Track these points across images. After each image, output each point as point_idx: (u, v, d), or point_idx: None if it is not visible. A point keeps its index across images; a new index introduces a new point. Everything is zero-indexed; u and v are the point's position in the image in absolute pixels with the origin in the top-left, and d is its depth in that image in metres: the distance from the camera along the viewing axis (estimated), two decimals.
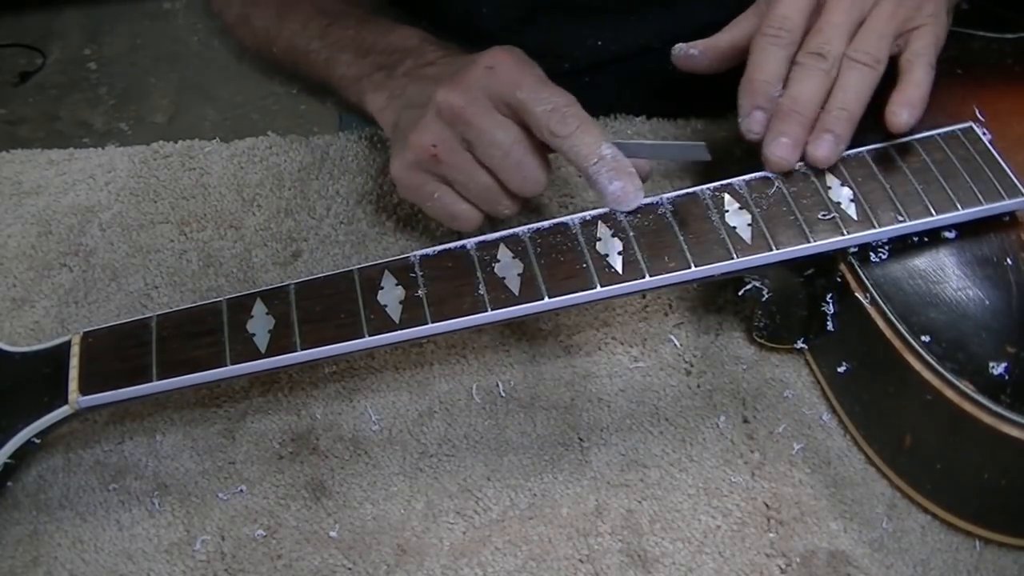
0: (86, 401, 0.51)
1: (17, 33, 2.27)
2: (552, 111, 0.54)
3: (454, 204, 0.59)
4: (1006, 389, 0.47)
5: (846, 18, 0.56)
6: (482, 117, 0.56)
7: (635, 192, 0.53)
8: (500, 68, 0.56)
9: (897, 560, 0.51)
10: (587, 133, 0.54)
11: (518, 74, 0.56)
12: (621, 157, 0.54)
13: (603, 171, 0.53)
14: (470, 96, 0.56)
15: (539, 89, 0.55)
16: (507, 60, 0.56)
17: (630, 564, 0.51)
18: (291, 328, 0.51)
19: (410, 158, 0.58)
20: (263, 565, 0.52)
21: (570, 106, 0.55)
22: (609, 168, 0.53)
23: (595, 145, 0.54)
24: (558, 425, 0.57)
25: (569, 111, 0.55)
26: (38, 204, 0.70)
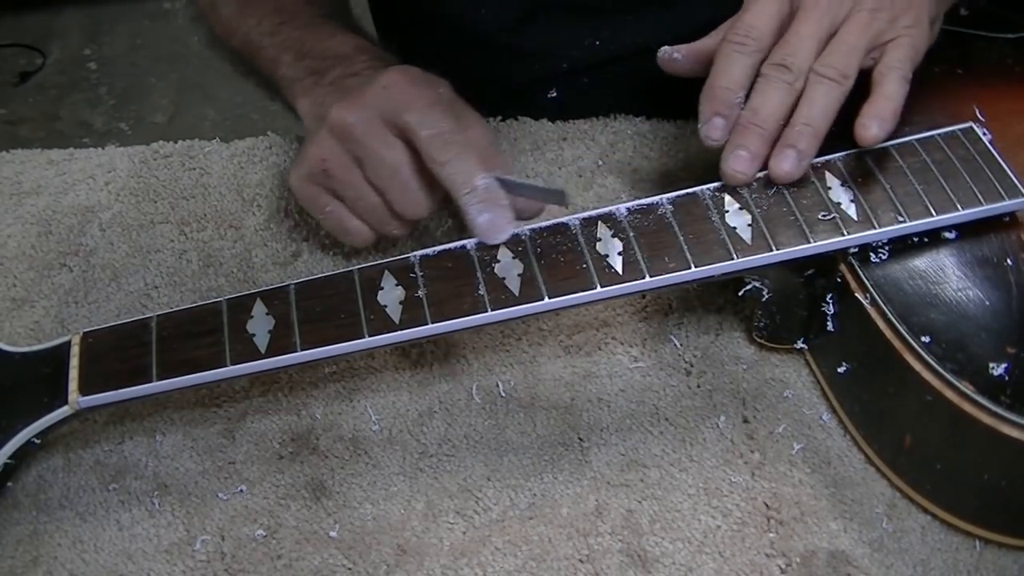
0: (86, 401, 0.51)
1: (17, 33, 2.28)
2: (434, 136, 0.54)
3: (346, 220, 0.60)
4: (1006, 390, 0.47)
5: (815, 29, 0.55)
6: (370, 137, 0.56)
7: (504, 226, 0.53)
8: (394, 89, 0.56)
9: (897, 560, 0.51)
10: (464, 161, 0.54)
11: (409, 96, 0.55)
12: (495, 189, 0.53)
13: (473, 202, 0.53)
14: (362, 115, 0.56)
15: (426, 112, 0.55)
16: (401, 81, 0.56)
17: (630, 564, 0.51)
18: (291, 328, 0.51)
19: (303, 171, 0.59)
20: (263, 565, 0.52)
21: (453, 133, 0.54)
22: (479, 199, 0.53)
23: (470, 175, 0.53)
24: (558, 425, 0.57)
25: (451, 138, 0.54)
26: (38, 204, 0.70)
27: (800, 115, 0.54)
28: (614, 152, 0.71)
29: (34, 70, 2.21)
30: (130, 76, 2.18)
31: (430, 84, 0.58)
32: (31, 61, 2.23)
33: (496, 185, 0.54)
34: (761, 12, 0.55)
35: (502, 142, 0.72)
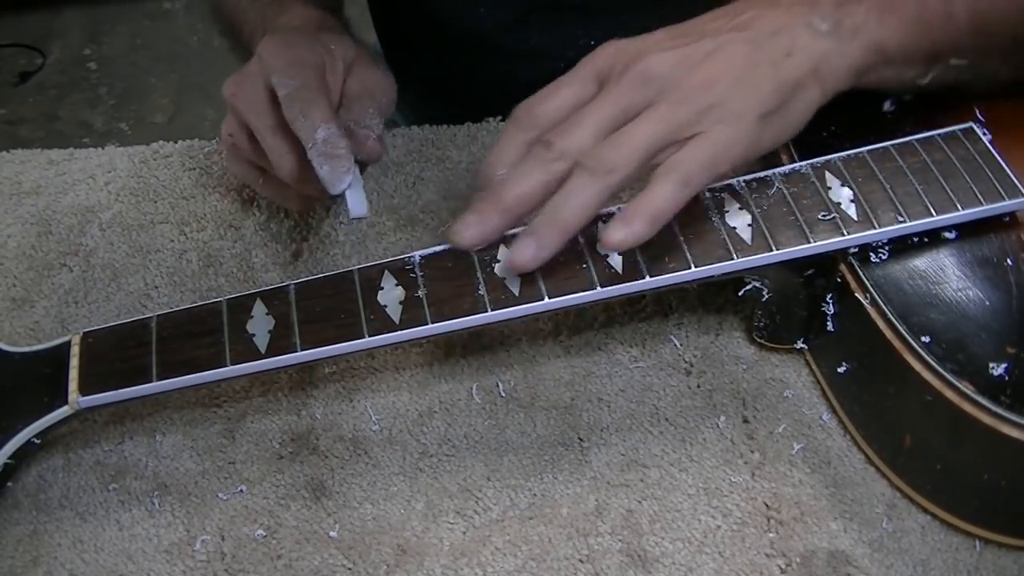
0: (86, 401, 0.51)
1: (17, 33, 2.28)
2: (285, 96, 0.56)
3: (273, 186, 0.62)
4: (1006, 390, 0.47)
5: (599, 116, 0.49)
6: (243, 104, 0.58)
7: (341, 175, 0.54)
8: (263, 55, 0.58)
9: (897, 560, 0.51)
10: (308, 116, 0.55)
11: (272, 59, 0.57)
12: (334, 138, 0.55)
13: (315, 155, 0.54)
14: (242, 86, 0.58)
15: (284, 72, 0.56)
16: (268, 48, 0.58)
17: (630, 564, 0.51)
18: (291, 328, 0.51)
19: (224, 149, 0.62)
20: (263, 565, 0.52)
21: (301, 89, 0.56)
22: (319, 152, 0.54)
23: (311, 128, 0.55)
24: (558, 425, 0.57)
25: (297, 95, 0.55)
26: (38, 204, 0.70)
27: (550, 203, 0.49)
28: None
29: (34, 70, 2.21)
30: (130, 76, 2.18)
31: (301, 45, 0.59)
32: (31, 61, 2.23)
33: (337, 134, 0.55)
34: (553, 94, 0.51)
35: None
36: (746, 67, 0.49)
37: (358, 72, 0.62)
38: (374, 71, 0.63)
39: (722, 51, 0.49)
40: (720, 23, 0.52)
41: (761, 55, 0.49)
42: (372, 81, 0.62)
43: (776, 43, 0.50)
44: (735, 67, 0.49)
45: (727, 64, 0.49)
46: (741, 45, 0.50)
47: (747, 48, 0.50)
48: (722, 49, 0.50)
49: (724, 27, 0.51)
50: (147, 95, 2.13)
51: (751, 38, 0.50)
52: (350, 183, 0.55)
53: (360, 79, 0.62)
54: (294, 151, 0.57)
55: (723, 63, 0.49)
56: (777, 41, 0.50)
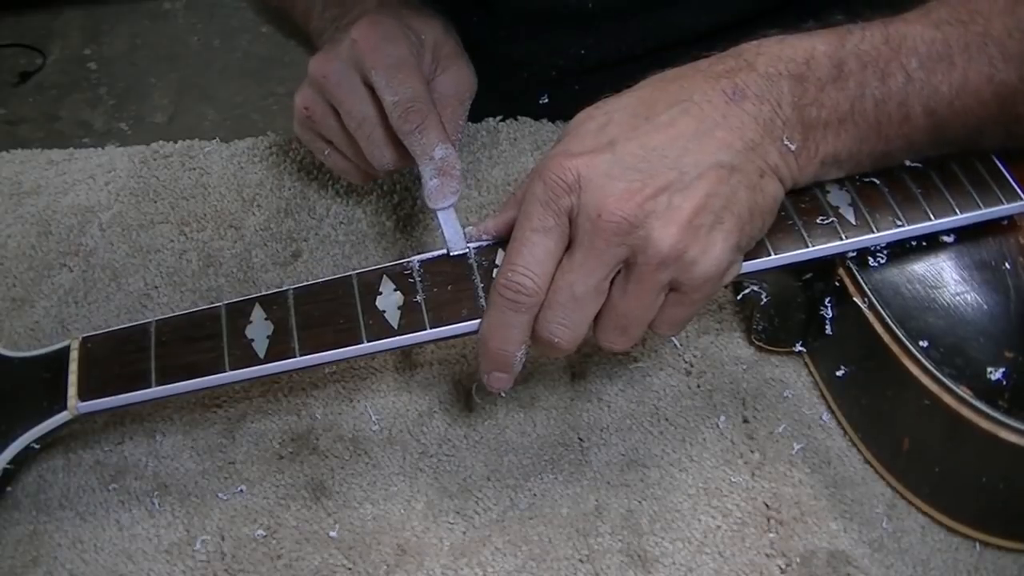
0: (85, 407, 0.51)
1: (17, 33, 2.27)
2: (395, 104, 0.56)
3: (339, 162, 0.63)
4: (1004, 394, 0.47)
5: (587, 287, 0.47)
6: (340, 88, 0.58)
7: (449, 195, 0.55)
8: (361, 44, 0.58)
9: (897, 560, 0.51)
10: (425, 134, 0.56)
11: (374, 54, 0.57)
12: (452, 159, 0.56)
13: (428, 168, 0.56)
14: (334, 66, 0.58)
15: (389, 76, 0.57)
16: (369, 37, 0.58)
17: (630, 564, 0.51)
18: (290, 334, 0.51)
19: (296, 117, 0.62)
20: (263, 565, 0.52)
21: (414, 101, 0.56)
22: (436, 167, 0.56)
23: (429, 147, 0.56)
24: (558, 425, 0.57)
25: (413, 107, 0.56)
26: (38, 204, 0.70)
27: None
28: None
29: (34, 70, 2.21)
30: (130, 76, 2.18)
31: (399, 39, 0.59)
32: (31, 61, 2.23)
33: (453, 156, 0.56)
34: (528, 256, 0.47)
35: (502, 142, 0.72)
36: (724, 201, 0.47)
37: (449, 68, 0.62)
38: (463, 66, 0.63)
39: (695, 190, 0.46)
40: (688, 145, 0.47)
41: (738, 179, 0.47)
42: (462, 80, 0.63)
43: (751, 164, 0.48)
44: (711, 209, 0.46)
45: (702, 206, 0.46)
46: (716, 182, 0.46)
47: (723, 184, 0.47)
48: (695, 188, 0.46)
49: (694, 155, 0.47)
50: (147, 95, 2.13)
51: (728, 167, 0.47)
52: (451, 205, 0.56)
53: (453, 78, 0.62)
54: (392, 146, 0.58)
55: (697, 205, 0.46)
56: (752, 162, 0.48)
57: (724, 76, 0.48)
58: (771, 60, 0.48)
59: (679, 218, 0.46)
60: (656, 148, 0.47)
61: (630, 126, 0.48)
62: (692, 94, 0.48)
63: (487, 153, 0.71)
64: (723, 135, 0.47)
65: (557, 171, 0.46)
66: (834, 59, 0.49)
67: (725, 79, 0.48)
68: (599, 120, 0.48)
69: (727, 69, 0.49)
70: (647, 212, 0.46)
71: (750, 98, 0.48)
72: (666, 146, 0.47)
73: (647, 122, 0.48)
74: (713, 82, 0.48)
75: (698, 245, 0.47)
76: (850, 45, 0.49)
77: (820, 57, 0.49)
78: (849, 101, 0.49)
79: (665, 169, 0.46)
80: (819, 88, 0.48)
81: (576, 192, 0.46)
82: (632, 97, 0.49)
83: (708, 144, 0.47)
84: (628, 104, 0.49)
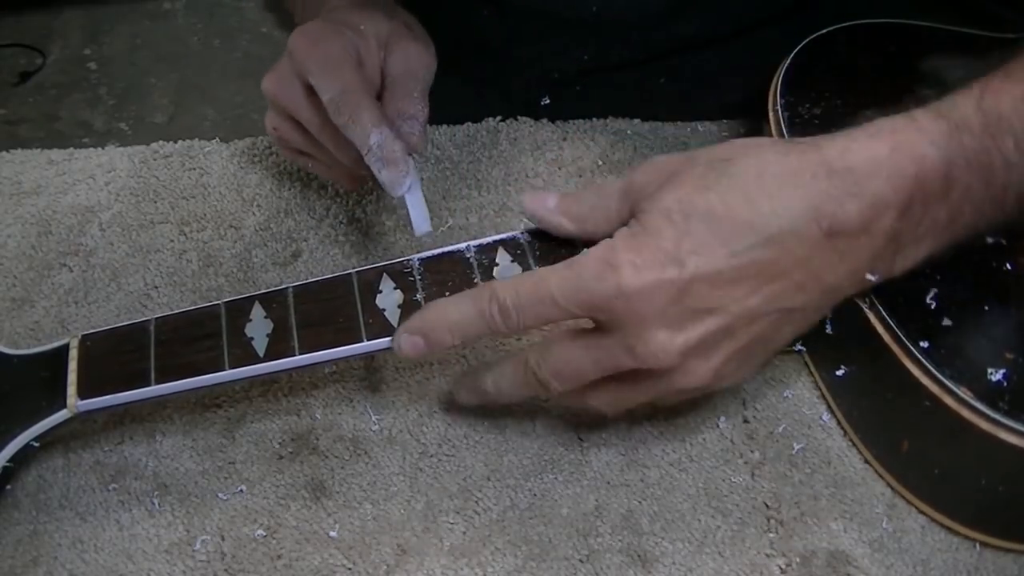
0: (84, 405, 0.50)
1: (17, 33, 2.27)
2: (329, 101, 0.56)
3: (324, 170, 0.64)
4: (1004, 396, 0.47)
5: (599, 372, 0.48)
6: (290, 101, 0.59)
7: (400, 179, 0.55)
8: (296, 53, 0.58)
9: (897, 560, 0.51)
10: (358, 123, 0.55)
11: (308, 59, 0.57)
12: (389, 142, 0.55)
13: (372, 160, 0.55)
14: (281, 82, 0.59)
15: (321, 76, 0.56)
16: (299, 44, 0.58)
17: (630, 564, 0.51)
18: (289, 332, 0.51)
19: (272, 137, 0.63)
20: (263, 565, 0.52)
21: (345, 94, 0.56)
22: (376, 158, 0.55)
23: (364, 136, 0.55)
24: (558, 425, 0.57)
25: (343, 100, 0.56)
26: (38, 204, 0.70)
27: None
28: (614, 152, 0.71)
29: (34, 70, 2.21)
30: (130, 76, 2.17)
31: (330, 37, 0.58)
32: (31, 61, 2.23)
33: (390, 137, 0.55)
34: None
35: (502, 142, 0.72)
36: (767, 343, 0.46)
37: (397, 49, 0.62)
38: (413, 44, 0.62)
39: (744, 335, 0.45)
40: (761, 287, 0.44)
41: (793, 319, 0.46)
42: (413, 57, 0.62)
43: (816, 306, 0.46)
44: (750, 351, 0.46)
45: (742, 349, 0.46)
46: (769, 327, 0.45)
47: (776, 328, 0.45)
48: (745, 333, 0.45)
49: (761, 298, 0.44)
50: (147, 95, 2.13)
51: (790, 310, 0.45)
52: (410, 186, 0.56)
53: (401, 57, 0.62)
54: (350, 144, 0.58)
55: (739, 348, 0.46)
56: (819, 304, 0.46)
57: (827, 203, 0.43)
58: (882, 184, 0.44)
59: (714, 363, 0.45)
60: (726, 287, 0.44)
61: (707, 250, 0.43)
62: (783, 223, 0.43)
63: (487, 153, 0.71)
64: (801, 278, 0.44)
65: (611, 290, 0.44)
66: (943, 169, 0.44)
67: (828, 206, 0.43)
68: (677, 226, 0.44)
69: (832, 192, 0.43)
70: (685, 356, 0.45)
71: (846, 235, 0.44)
72: (736, 284, 0.44)
73: (725, 249, 0.43)
74: (812, 212, 0.43)
75: (717, 383, 0.47)
76: (956, 143, 0.44)
77: (930, 170, 0.44)
78: (949, 214, 0.45)
79: (726, 313, 0.44)
80: (924, 210, 0.45)
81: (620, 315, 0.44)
82: (717, 201, 0.44)
83: (782, 289, 0.44)
84: (711, 213, 0.44)
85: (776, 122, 0.60)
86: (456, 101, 0.66)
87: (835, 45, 0.64)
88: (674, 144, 0.71)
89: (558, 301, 0.45)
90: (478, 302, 0.48)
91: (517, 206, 0.66)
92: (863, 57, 0.64)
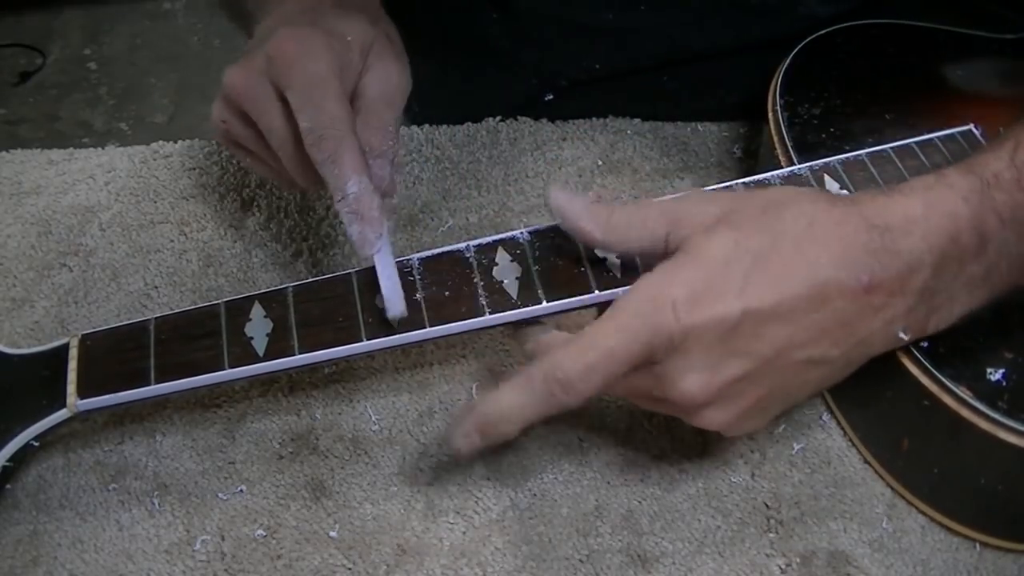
0: (84, 404, 0.50)
1: (17, 33, 2.27)
2: (309, 131, 0.51)
3: (263, 171, 0.59)
4: (1004, 395, 0.47)
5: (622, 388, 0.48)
6: (256, 104, 0.54)
7: (372, 240, 0.51)
8: (278, 59, 0.53)
9: (897, 560, 0.51)
10: (338, 164, 0.51)
11: (290, 72, 0.52)
12: (367, 196, 0.51)
13: (344, 210, 0.51)
14: (250, 81, 0.53)
15: (304, 98, 0.52)
16: (286, 52, 0.53)
17: (630, 564, 0.51)
18: (289, 331, 0.51)
19: (214, 128, 0.57)
20: (263, 565, 0.52)
21: (327, 128, 0.51)
22: (349, 209, 0.51)
23: (342, 180, 0.51)
24: (558, 425, 0.57)
25: (325, 135, 0.51)
26: (38, 204, 0.70)
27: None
28: (614, 152, 0.71)
29: (34, 70, 2.21)
30: (130, 76, 2.18)
31: (319, 52, 0.53)
32: (31, 61, 2.23)
33: (369, 191, 0.51)
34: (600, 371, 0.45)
35: (502, 142, 0.72)
36: (790, 391, 0.47)
37: (377, 66, 0.57)
38: (393, 64, 0.58)
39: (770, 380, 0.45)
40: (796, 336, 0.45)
41: (820, 371, 0.46)
42: (390, 79, 0.57)
43: (845, 358, 0.46)
44: (774, 397, 0.47)
45: (766, 396, 0.46)
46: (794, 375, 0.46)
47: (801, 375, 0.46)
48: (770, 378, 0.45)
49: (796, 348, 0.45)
50: (147, 95, 2.13)
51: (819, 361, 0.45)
52: (380, 248, 0.51)
53: (380, 77, 0.57)
54: (311, 168, 0.54)
55: (763, 395, 0.46)
56: (849, 357, 0.46)
57: (866, 256, 0.44)
58: (917, 242, 0.44)
59: (738, 407, 0.46)
60: (770, 328, 0.44)
61: (759, 290, 0.44)
62: (828, 272, 0.44)
63: (487, 153, 0.71)
64: (836, 329, 0.45)
65: (669, 324, 0.43)
66: (977, 226, 0.45)
67: (866, 261, 0.44)
68: (732, 265, 0.44)
69: (871, 247, 0.44)
70: (709, 400, 0.45)
71: (883, 290, 0.44)
72: (779, 326, 0.44)
73: (776, 291, 0.44)
74: (852, 265, 0.44)
75: (729, 431, 0.47)
76: (987, 199, 0.45)
77: (964, 227, 0.44)
78: (985, 269, 0.46)
79: (759, 356, 0.44)
80: (960, 266, 0.45)
81: (673, 349, 0.44)
82: (770, 245, 0.45)
83: (816, 338, 0.45)
84: (764, 256, 0.44)
85: (776, 122, 0.60)
86: (456, 101, 0.66)
87: (835, 45, 0.64)
88: (674, 144, 0.71)
89: (619, 356, 0.44)
90: (533, 385, 0.45)
91: (529, 199, 0.65)
92: (863, 57, 0.64)
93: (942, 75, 0.61)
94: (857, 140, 0.57)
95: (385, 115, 0.56)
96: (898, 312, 0.45)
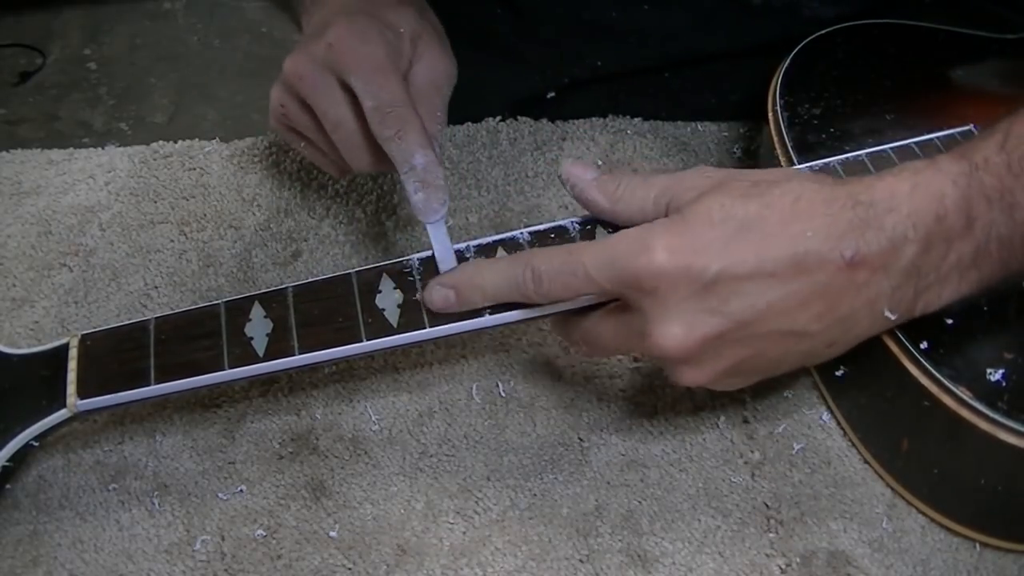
0: (84, 404, 0.50)
1: (17, 33, 2.27)
2: (375, 109, 0.54)
3: (315, 157, 0.62)
4: (1003, 396, 0.47)
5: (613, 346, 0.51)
6: (315, 91, 0.57)
7: (437, 207, 0.53)
8: (338, 47, 0.56)
9: (897, 560, 0.51)
10: (405, 140, 0.53)
11: (351, 57, 0.55)
12: (433, 168, 0.53)
13: (411, 180, 0.53)
14: (310, 68, 0.56)
15: (369, 80, 0.55)
16: (346, 40, 0.56)
17: (630, 564, 0.51)
18: (289, 332, 0.51)
19: (272, 112, 0.60)
20: (263, 565, 0.52)
21: (394, 107, 0.54)
22: (417, 179, 0.53)
23: (409, 153, 0.53)
24: (558, 425, 0.57)
25: (392, 112, 0.54)
26: (38, 204, 0.70)
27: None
28: (614, 152, 0.71)
29: (34, 70, 2.21)
30: (130, 76, 2.17)
31: (376, 40, 0.56)
32: (31, 61, 2.23)
33: (434, 163, 0.53)
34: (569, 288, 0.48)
35: (502, 142, 0.72)
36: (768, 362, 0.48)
37: (425, 56, 0.60)
38: (440, 53, 0.61)
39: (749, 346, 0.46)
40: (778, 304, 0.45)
41: (801, 346, 0.47)
42: (438, 68, 0.60)
43: (827, 335, 0.47)
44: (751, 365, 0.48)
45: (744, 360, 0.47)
46: (775, 345, 0.47)
47: (782, 347, 0.47)
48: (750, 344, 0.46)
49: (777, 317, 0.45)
50: (147, 95, 2.13)
51: (801, 334, 0.46)
52: (443, 216, 0.53)
53: (427, 66, 0.60)
54: (370, 150, 0.57)
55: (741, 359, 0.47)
56: (831, 333, 0.47)
57: (850, 232, 0.45)
58: (902, 218, 0.45)
59: (716, 368, 0.47)
60: (747, 292, 0.45)
61: (738, 253, 0.45)
62: (809, 245, 0.44)
63: (487, 153, 0.71)
64: (816, 304, 0.45)
65: (642, 267, 0.45)
66: (964, 207, 0.45)
67: (850, 237, 0.44)
68: (715, 226, 0.45)
69: (856, 222, 0.45)
70: (690, 354, 0.46)
71: (867, 266, 0.45)
72: (757, 293, 0.45)
73: (755, 257, 0.45)
74: (836, 240, 0.44)
75: (711, 386, 0.49)
76: (975, 181, 0.45)
77: (951, 207, 0.45)
78: (974, 250, 0.46)
79: (739, 318, 0.45)
80: (947, 246, 0.45)
81: (645, 292, 0.46)
82: (755, 213, 0.45)
83: (796, 310, 0.45)
84: (747, 221, 0.45)
85: (776, 122, 0.60)
86: (459, 96, 0.66)
87: (835, 45, 0.64)
88: (674, 144, 0.72)
89: (590, 273, 0.47)
90: (513, 266, 0.49)
91: (529, 199, 0.66)
92: (863, 57, 0.64)
93: (942, 75, 0.61)
94: (857, 140, 0.57)
95: (434, 100, 0.59)
96: (883, 290, 0.46)
